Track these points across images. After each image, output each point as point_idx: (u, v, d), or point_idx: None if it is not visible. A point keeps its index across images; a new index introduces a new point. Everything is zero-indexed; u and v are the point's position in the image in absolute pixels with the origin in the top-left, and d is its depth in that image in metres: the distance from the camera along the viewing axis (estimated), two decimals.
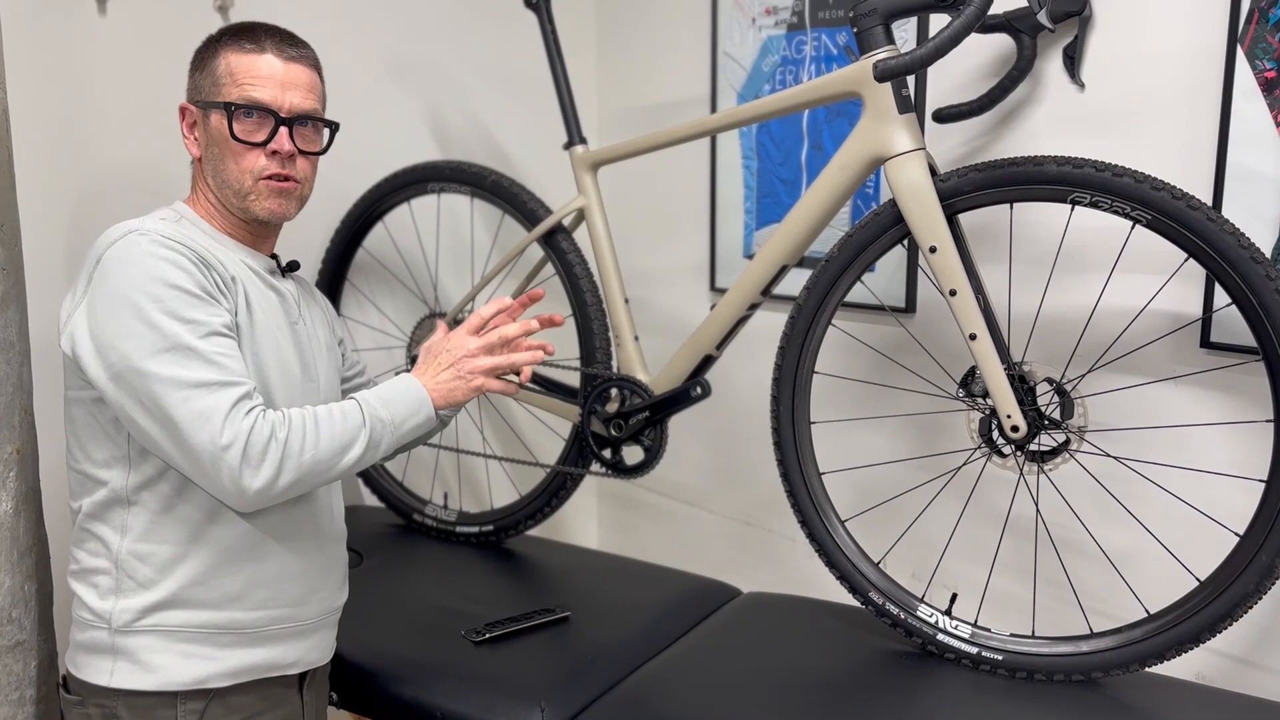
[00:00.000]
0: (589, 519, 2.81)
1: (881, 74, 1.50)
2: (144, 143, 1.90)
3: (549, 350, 1.59)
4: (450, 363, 1.47)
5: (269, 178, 1.40)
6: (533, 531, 2.16)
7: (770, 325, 2.25)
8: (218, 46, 1.41)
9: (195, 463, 1.27)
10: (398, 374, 2.06)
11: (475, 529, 2.14)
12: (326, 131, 1.48)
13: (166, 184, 1.90)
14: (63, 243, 1.81)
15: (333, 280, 2.21)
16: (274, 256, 1.51)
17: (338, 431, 1.34)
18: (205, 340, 1.28)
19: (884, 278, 2.06)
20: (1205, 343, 1.66)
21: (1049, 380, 1.55)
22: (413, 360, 2.11)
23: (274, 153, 1.39)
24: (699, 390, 1.83)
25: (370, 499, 2.34)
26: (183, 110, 1.44)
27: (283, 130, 1.40)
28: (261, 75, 1.39)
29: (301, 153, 1.43)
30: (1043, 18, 1.65)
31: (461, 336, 1.49)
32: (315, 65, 1.46)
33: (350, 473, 1.37)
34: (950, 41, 1.42)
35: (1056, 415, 1.55)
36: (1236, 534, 1.45)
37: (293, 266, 1.54)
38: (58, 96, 1.79)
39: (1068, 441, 1.55)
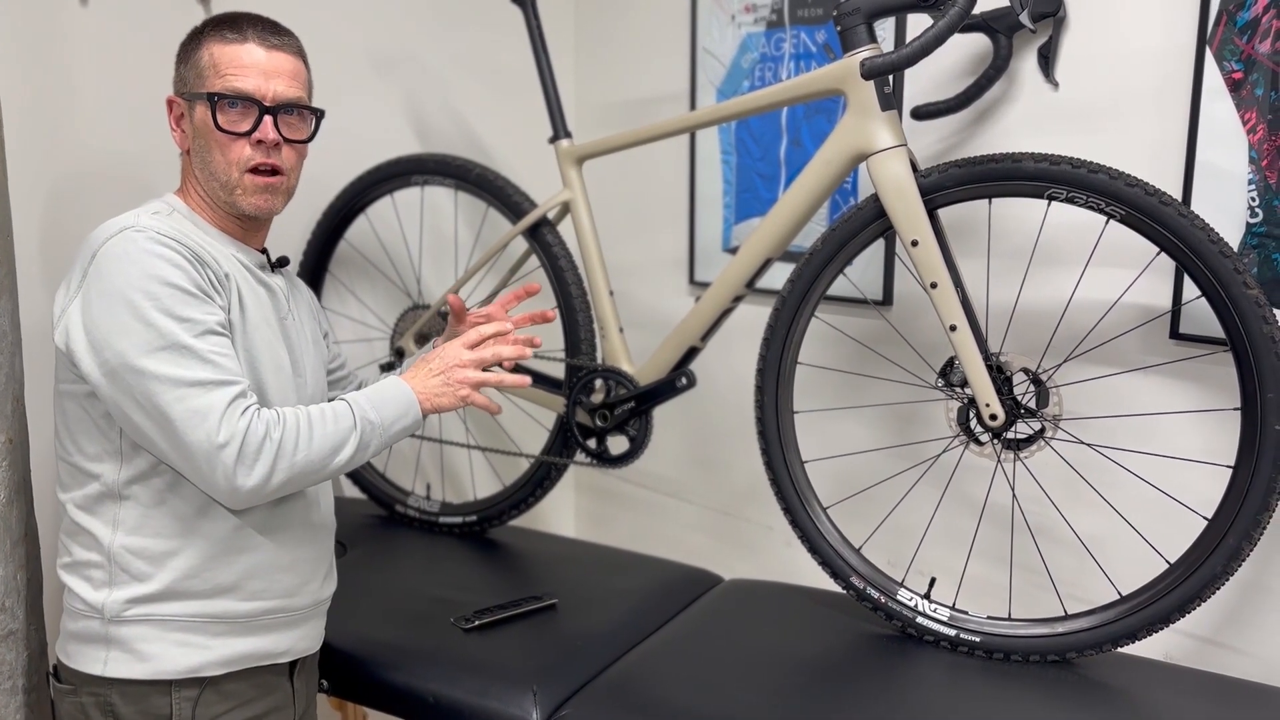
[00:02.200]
0: (566, 510, 2.83)
1: (869, 72, 1.53)
2: (129, 134, 1.89)
3: (536, 343, 1.61)
4: (441, 370, 1.46)
5: (254, 170, 1.40)
6: (512, 523, 2.18)
7: (746, 318, 2.28)
8: (201, 38, 1.42)
9: (190, 460, 1.28)
10: (382, 369, 2.08)
11: (458, 519, 2.15)
12: (313, 120, 1.47)
13: (153, 175, 1.90)
14: (49, 234, 1.81)
15: (314, 272, 2.21)
16: (264, 251, 1.52)
17: (330, 433, 1.35)
18: (200, 339, 1.29)
19: (862, 270, 2.11)
20: (1175, 334, 1.71)
21: (1025, 370, 1.60)
22: (398, 352, 2.12)
23: (259, 142, 1.39)
24: (684, 381, 1.86)
25: (352, 490, 2.35)
26: (169, 103, 1.44)
27: (267, 119, 1.39)
28: (244, 64, 1.39)
29: (287, 141, 1.42)
30: (1024, 18, 1.70)
31: (456, 347, 1.48)
32: (299, 53, 1.46)
33: (340, 473, 1.39)
34: (935, 41, 1.46)
35: (1032, 404, 1.59)
36: (1205, 518, 1.50)
37: (282, 262, 1.55)
38: (42, 89, 1.78)
39: (1043, 429, 1.60)
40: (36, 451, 1.60)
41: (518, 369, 2.08)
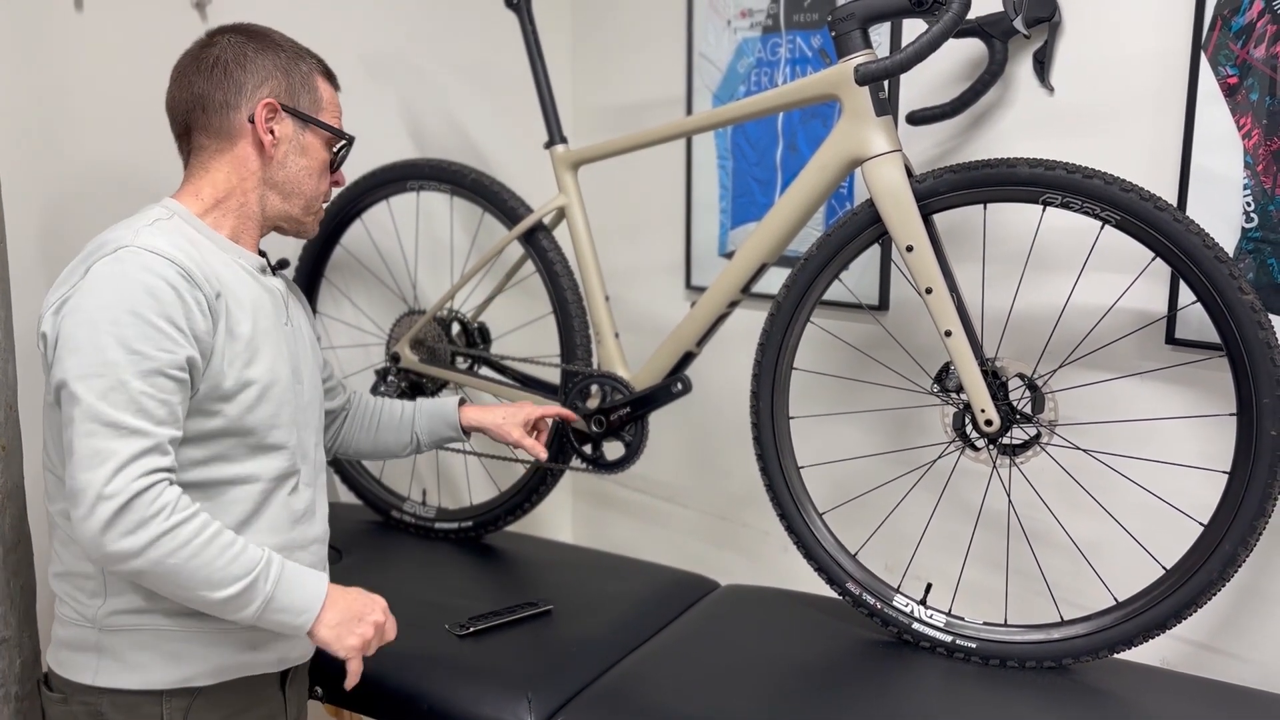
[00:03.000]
0: (564, 516, 2.83)
1: (862, 78, 1.53)
2: (124, 140, 1.89)
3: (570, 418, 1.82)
4: (360, 614, 1.40)
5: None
6: (508, 528, 2.18)
7: (743, 323, 2.28)
8: (308, 65, 1.47)
9: (74, 498, 1.22)
10: (377, 374, 2.07)
11: (454, 525, 2.15)
12: None
13: (148, 181, 1.90)
14: (43, 240, 1.80)
15: (310, 277, 2.21)
16: (262, 254, 1.51)
17: (222, 562, 1.26)
18: (142, 378, 1.24)
19: (858, 276, 2.10)
20: (1170, 339, 1.71)
21: (1021, 376, 1.60)
22: (393, 357, 2.12)
23: (335, 183, 1.52)
24: (680, 386, 1.86)
25: (347, 496, 2.35)
26: (267, 105, 1.41)
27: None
28: (340, 111, 1.52)
29: None
30: (1018, 24, 1.70)
31: (384, 612, 1.44)
32: None
33: (206, 610, 1.29)
34: (929, 46, 1.46)
35: (1028, 410, 1.59)
36: (1201, 524, 1.50)
37: (282, 265, 1.54)
38: (36, 94, 1.78)
39: (1039, 435, 1.59)
40: (30, 458, 1.59)
41: (520, 377, 2.09)
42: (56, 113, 1.81)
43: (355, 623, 1.39)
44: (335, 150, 1.50)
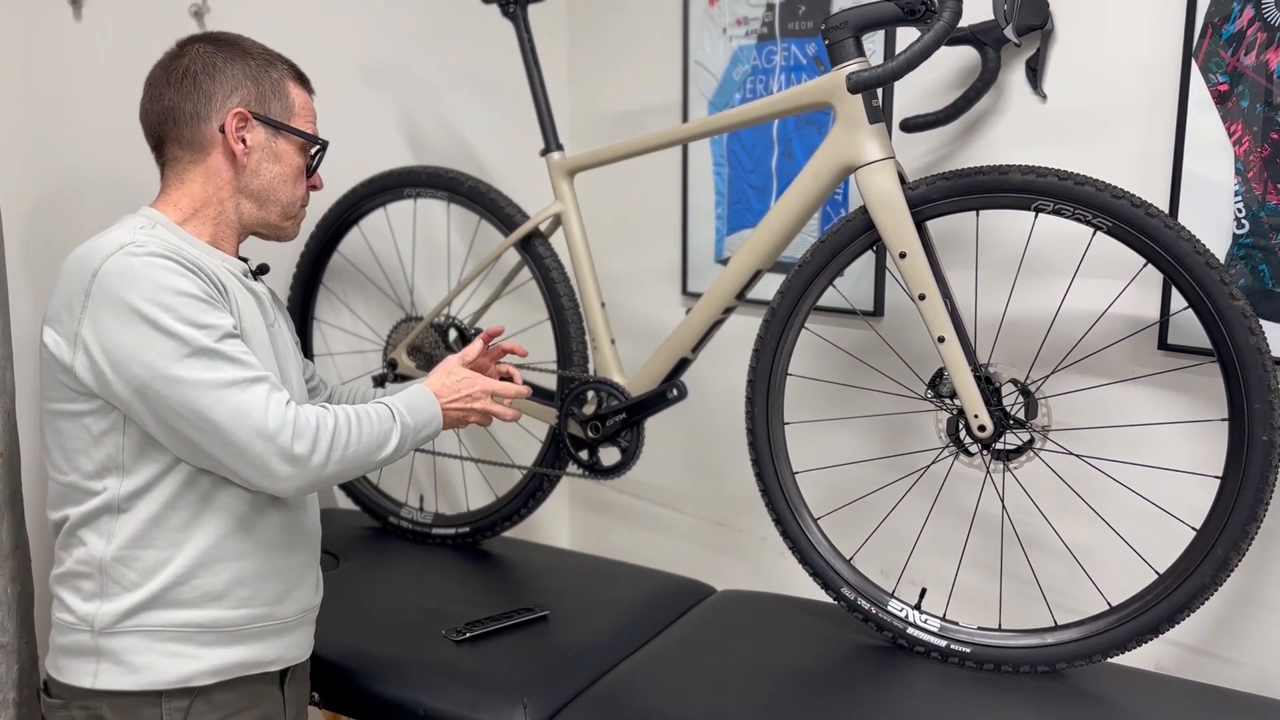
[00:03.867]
0: (561, 522, 2.83)
1: (855, 85, 1.54)
2: (121, 147, 1.89)
3: (522, 352, 1.77)
4: (466, 392, 1.56)
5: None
6: (505, 534, 2.18)
7: (739, 329, 2.28)
8: (279, 72, 1.48)
9: (243, 456, 1.29)
10: (375, 380, 2.08)
11: (451, 531, 2.15)
12: None
13: (144, 188, 1.90)
14: (39, 246, 1.81)
15: (307, 284, 2.21)
16: (243, 259, 1.52)
17: (377, 429, 1.41)
18: (222, 343, 1.31)
19: (853, 282, 2.11)
20: (1163, 345, 1.72)
21: (1014, 381, 1.60)
22: (390, 364, 2.13)
23: (312, 187, 1.54)
24: (675, 392, 1.87)
25: (345, 501, 2.35)
26: (236, 114, 1.43)
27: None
28: (315, 116, 1.54)
29: None
30: (1009, 32, 1.71)
31: (485, 379, 1.59)
32: None
33: (377, 468, 1.45)
34: (921, 55, 1.47)
35: (1021, 415, 1.60)
36: (1193, 528, 1.51)
37: (262, 270, 1.56)
38: (34, 101, 1.79)
39: (1032, 440, 1.60)
40: (27, 464, 1.60)
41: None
42: (55, 121, 1.82)
43: (466, 404, 1.55)
44: (310, 155, 1.52)
